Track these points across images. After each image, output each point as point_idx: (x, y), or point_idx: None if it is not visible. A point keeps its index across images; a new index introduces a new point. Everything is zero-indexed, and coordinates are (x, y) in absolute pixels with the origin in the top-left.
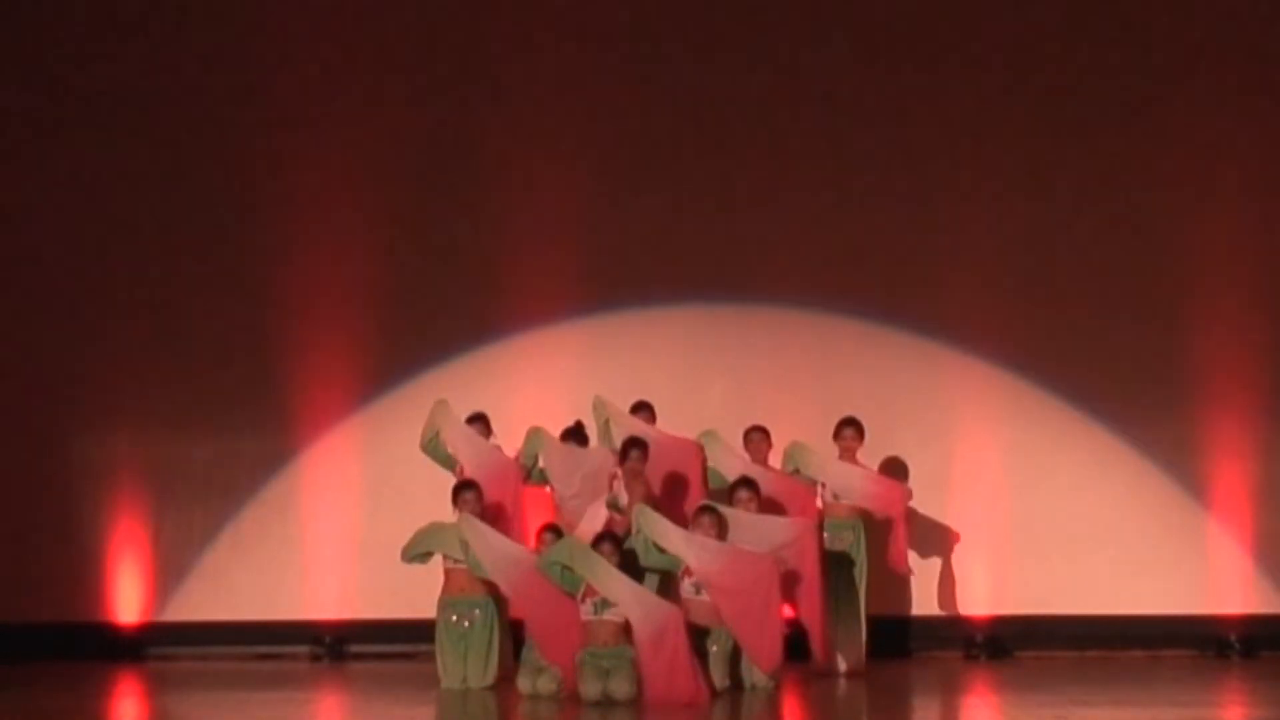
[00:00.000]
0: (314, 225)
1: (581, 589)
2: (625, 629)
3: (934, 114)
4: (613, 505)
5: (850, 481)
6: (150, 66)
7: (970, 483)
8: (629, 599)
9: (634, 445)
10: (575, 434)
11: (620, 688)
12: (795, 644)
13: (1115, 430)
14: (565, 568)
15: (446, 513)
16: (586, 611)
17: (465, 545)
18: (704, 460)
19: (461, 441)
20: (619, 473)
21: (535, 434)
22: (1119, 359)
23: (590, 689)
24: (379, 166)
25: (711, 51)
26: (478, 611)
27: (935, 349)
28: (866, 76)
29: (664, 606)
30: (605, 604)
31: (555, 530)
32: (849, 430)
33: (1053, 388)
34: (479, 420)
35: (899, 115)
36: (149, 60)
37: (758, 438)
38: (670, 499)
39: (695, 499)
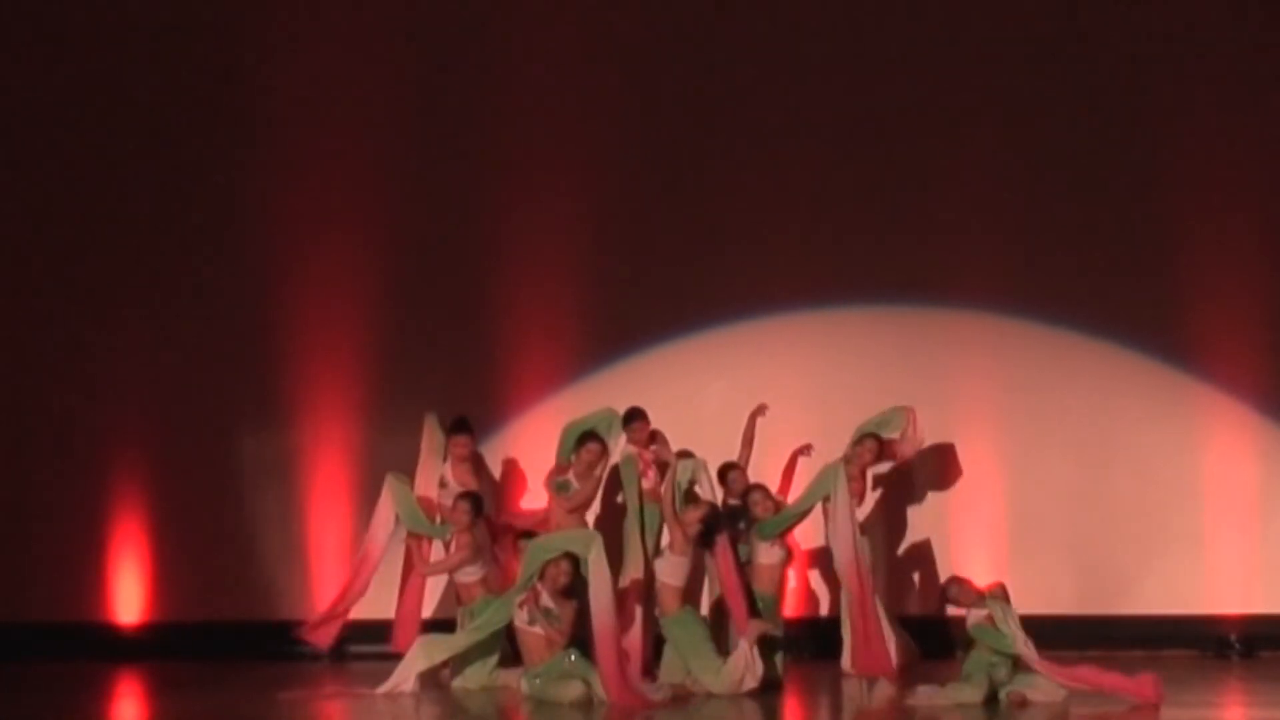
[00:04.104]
0: (318, 226)
1: (528, 586)
2: (554, 642)
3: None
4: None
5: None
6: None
7: (970, 483)
8: (594, 593)
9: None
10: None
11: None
12: (795, 643)
13: (1114, 431)
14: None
15: None
16: (520, 618)
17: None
18: None
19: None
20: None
21: (572, 428)
22: (1118, 362)
23: (567, 692)
24: (379, 168)
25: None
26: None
27: (934, 352)
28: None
29: (600, 617)
30: (547, 613)
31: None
32: (869, 442)
33: (1052, 390)
34: (462, 428)
35: (894, 127)
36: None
37: (734, 476)
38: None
39: None
